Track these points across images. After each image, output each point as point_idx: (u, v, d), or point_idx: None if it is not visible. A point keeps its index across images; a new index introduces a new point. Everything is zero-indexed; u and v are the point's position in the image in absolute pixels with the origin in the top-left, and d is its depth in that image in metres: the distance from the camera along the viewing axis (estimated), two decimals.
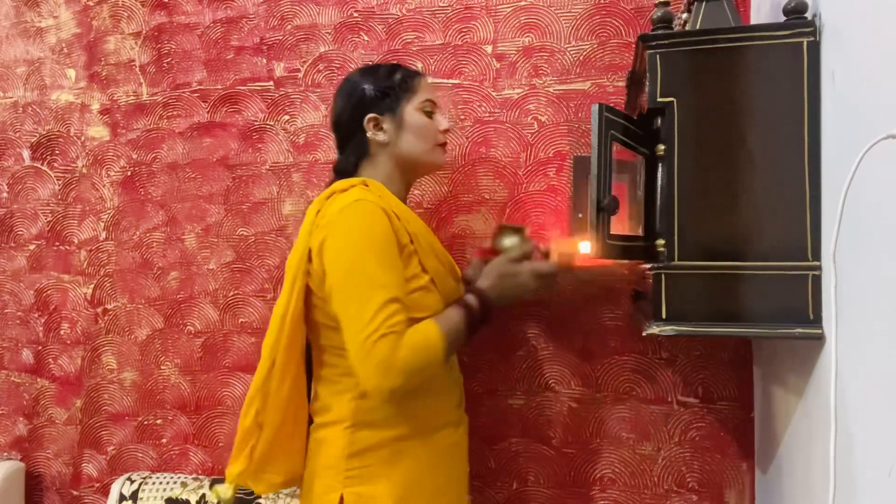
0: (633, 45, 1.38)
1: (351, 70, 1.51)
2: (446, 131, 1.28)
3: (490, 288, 1.20)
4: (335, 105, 1.30)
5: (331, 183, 1.26)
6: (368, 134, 1.24)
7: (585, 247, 1.16)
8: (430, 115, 1.26)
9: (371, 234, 1.11)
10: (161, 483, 1.61)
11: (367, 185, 1.20)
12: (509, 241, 1.28)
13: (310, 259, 1.16)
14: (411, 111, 1.24)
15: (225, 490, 1.23)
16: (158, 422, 1.76)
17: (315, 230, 1.15)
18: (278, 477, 1.23)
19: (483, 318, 1.18)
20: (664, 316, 1.01)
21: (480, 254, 1.42)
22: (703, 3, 1.08)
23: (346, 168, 1.28)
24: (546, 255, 1.30)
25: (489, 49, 1.59)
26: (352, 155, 1.27)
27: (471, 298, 1.18)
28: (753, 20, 1.41)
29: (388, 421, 1.16)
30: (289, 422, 1.21)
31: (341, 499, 1.13)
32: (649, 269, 1.03)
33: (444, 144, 1.29)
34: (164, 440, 1.76)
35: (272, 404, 1.19)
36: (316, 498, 1.18)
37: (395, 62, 1.40)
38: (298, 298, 1.16)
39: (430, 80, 1.35)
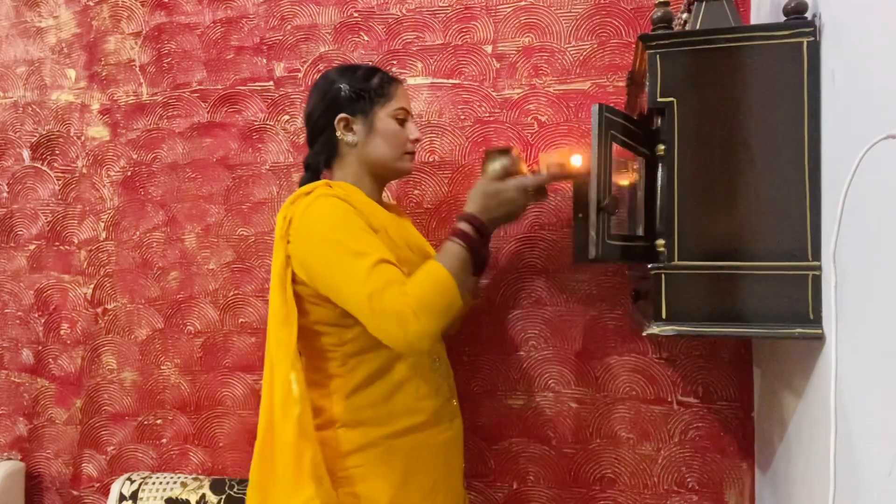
0: (633, 45, 1.38)
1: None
2: (416, 141, 1.28)
3: (479, 210, 1.14)
4: (309, 99, 1.29)
5: (301, 181, 1.27)
6: (338, 133, 1.24)
7: (577, 160, 1.14)
8: (402, 122, 1.26)
9: (336, 217, 1.12)
10: (161, 483, 1.61)
11: (329, 186, 1.20)
12: (499, 163, 1.20)
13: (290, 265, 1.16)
14: (383, 117, 1.24)
15: None
16: (158, 422, 1.76)
17: (290, 234, 1.15)
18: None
19: (482, 242, 1.14)
20: (664, 316, 1.01)
21: None
22: (703, 3, 1.08)
23: (313, 163, 1.28)
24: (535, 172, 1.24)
25: (489, 49, 1.59)
26: (321, 152, 1.27)
27: (463, 225, 1.12)
28: (753, 20, 1.41)
29: (377, 419, 1.16)
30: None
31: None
32: (649, 269, 1.03)
33: (412, 153, 1.29)
34: (164, 440, 1.76)
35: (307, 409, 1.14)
36: None
37: (375, 65, 1.38)
38: (291, 301, 1.15)
39: (406, 86, 1.34)
